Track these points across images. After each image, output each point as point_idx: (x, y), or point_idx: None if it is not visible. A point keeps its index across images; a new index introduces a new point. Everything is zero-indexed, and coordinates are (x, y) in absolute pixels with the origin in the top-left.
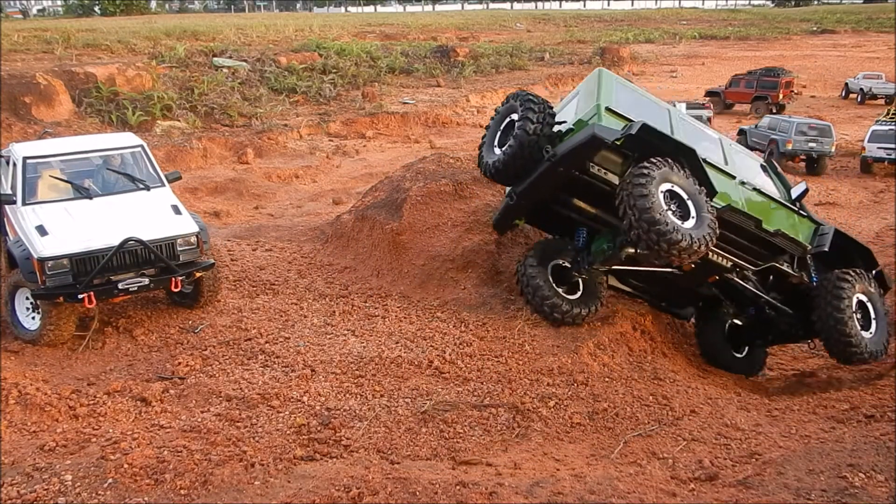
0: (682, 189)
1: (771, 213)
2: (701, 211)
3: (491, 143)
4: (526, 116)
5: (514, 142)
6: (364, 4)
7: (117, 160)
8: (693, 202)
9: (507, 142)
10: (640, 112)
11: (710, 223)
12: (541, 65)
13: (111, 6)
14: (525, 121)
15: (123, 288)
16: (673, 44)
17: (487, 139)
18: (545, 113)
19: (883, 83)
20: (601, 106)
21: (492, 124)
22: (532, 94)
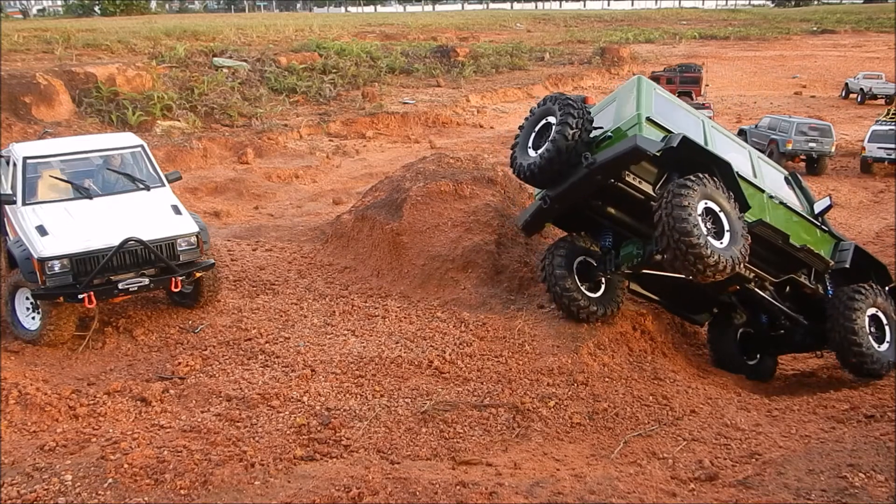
0: (720, 207)
1: (796, 227)
2: (735, 230)
3: (525, 144)
4: (565, 121)
5: (551, 146)
6: (364, 4)
7: (117, 160)
8: (728, 220)
9: (542, 144)
10: (676, 122)
11: (743, 242)
12: (541, 65)
13: (111, 6)
14: (564, 125)
15: (123, 288)
16: (673, 44)
17: (521, 140)
18: (584, 118)
19: (883, 83)
20: (642, 115)
21: (526, 125)
22: (571, 97)
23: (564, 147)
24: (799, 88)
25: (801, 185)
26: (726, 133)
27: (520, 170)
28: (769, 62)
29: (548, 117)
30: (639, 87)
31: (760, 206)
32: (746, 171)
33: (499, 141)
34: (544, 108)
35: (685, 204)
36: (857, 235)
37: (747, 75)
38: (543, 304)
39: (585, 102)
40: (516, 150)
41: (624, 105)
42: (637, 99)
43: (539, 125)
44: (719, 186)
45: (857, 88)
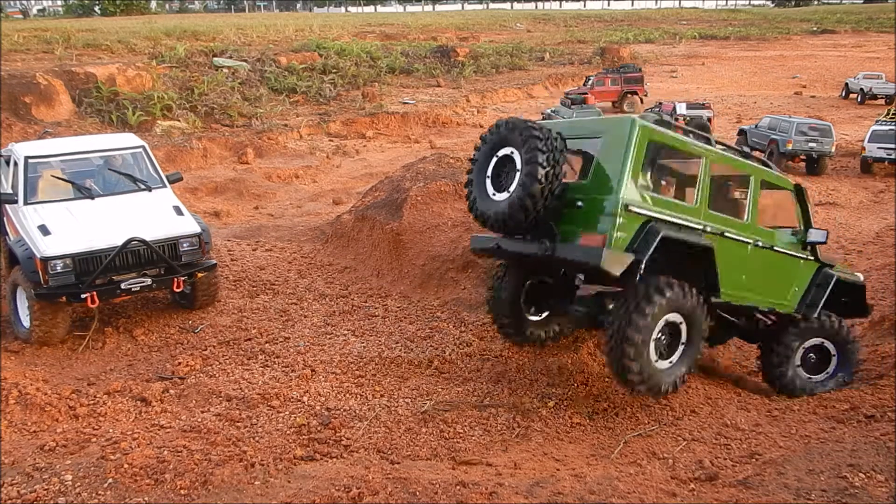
0: (685, 319)
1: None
2: (691, 346)
3: (482, 184)
4: (535, 160)
5: (521, 192)
6: (364, 4)
7: (118, 161)
8: (687, 336)
9: (506, 185)
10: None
11: (689, 364)
12: (541, 65)
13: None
14: (534, 165)
15: (126, 288)
16: (673, 44)
17: (477, 179)
18: (555, 150)
19: (883, 83)
20: (619, 203)
21: (479, 158)
22: (534, 123)
23: (539, 192)
24: (799, 88)
25: (805, 202)
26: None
27: (484, 219)
28: (769, 62)
29: (505, 149)
30: (629, 143)
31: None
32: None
33: None
34: (499, 135)
35: (641, 325)
36: (858, 235)
37: (747, 75)
38: None
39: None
40: (474, 192)
41: (608, 161)
42: (624, 167)
43: (495, 159)
44: (691, 296)
45: (857, 88)
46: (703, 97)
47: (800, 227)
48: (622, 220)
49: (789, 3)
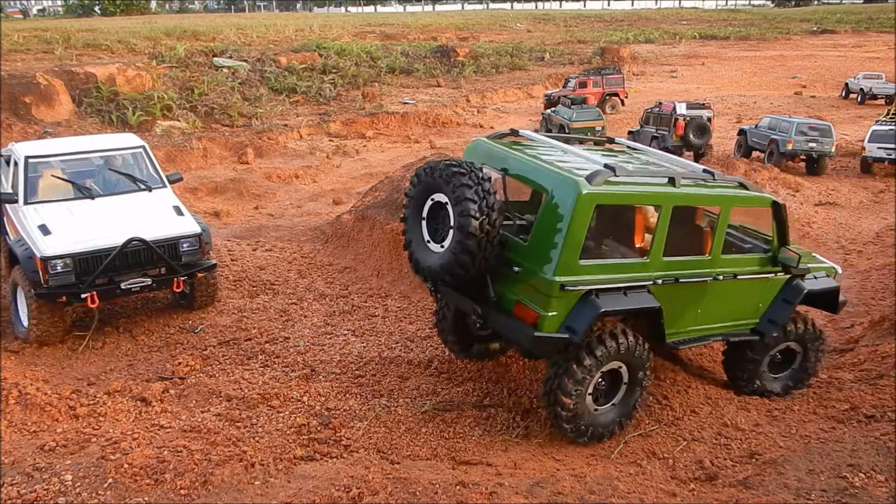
0: (628, 367)
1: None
2: (632, 392)
3: (419, 235)
4: (465, 208)
5: (458, 247)
6: (364, 4)
7: (119, 161)
8: (628, 382)
9: (442, 234)
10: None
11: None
12: (541, 65)
13: (111, 6)
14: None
15: (126, 288)
16: (673, 44)
17: (411, 224)
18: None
19: (883, 83)
20: (555, 284)
21: (412, 200)
22: (462, 167)
23: (470, 261)
24: (799, 88)
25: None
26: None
27: (418, 268)
28: (769, 62)
29: (436, 195)
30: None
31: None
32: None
33: None
34: (429, 181)
35: (578, 377)
36: (858, 235)
37: (747, 75)
38: None
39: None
40: (409, 236)
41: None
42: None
43: (429, 203)
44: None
45: (857, 88)
46: (703, 97)
47: (773, 241)
48: (557, 299)
49: (789, 3)
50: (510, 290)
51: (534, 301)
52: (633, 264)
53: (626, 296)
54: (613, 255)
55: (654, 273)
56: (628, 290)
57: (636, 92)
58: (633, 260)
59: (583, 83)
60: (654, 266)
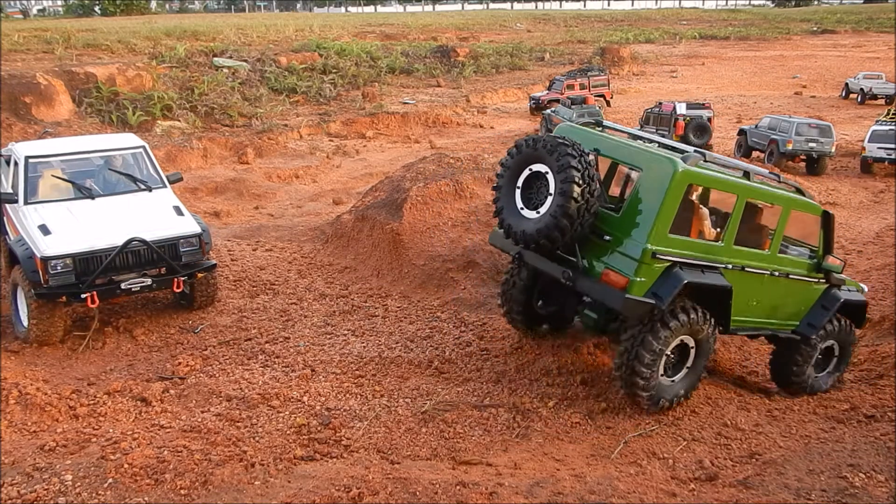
0: (696, 343)
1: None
2: (697, 366)
3: (512, 202)
4: (570, 178)
5: (558, 212)
6: (364, 4)
7: (119, 161)
8: (695, 357)
9: (537, 202)
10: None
11: (693, 381)
12: (541, 65)
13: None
14: (570, 183)
15: (126, 288)
16: (673, 44)
17: (505, 196)
18: (589, 167)
19: (883, 83)
20: (648, 252)
21: (506, 174)
22: (565, 139)
23: (569, 225)
24: (799, 88)
25: (831, 229)
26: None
27: (512, 235)
28: (769, 62)
29: (537, 165)
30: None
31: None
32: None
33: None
34: (531, 152)
35: (653, 348)
36: (858, 235)
37: (747, 75)
38: None
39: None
40: (501, 203)
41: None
42: (654, 212)
43: (526, 173)
44: (705, 321)
45: (857, 88)
46: (704, 97)
47: (819, 250)
48: (647, 266)
49: (789, 3)
50: (598, 259)
51: (623, 267)
52: (710, 246)
53: (703, 273)
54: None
55: (725, 258)
56: (704, 268)
57: (636, 92)
58: (710, 242)
59: (570, 86)
60: (726, 252)
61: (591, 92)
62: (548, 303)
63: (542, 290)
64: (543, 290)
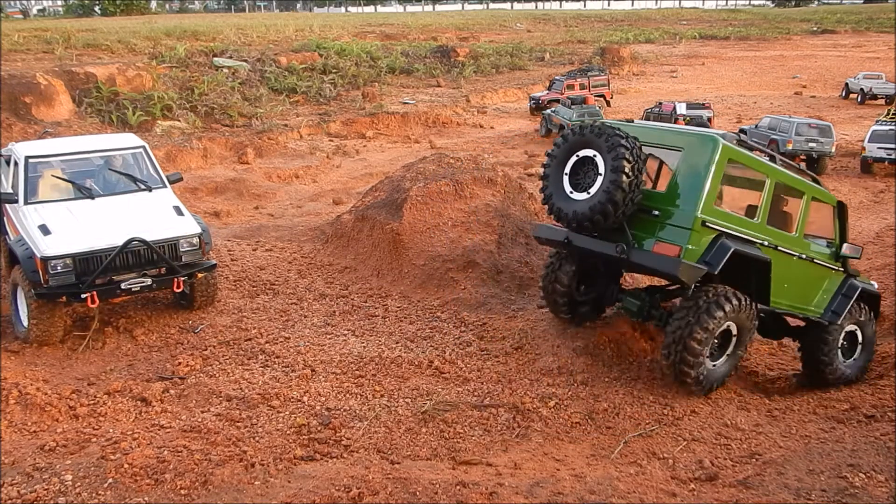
0: (739, 330)
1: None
2: (737, 351)
3: (559, 184)
4: (621, 167)
5: (605, 196)
6: (364, 4)
7: (119, 161)
8: (737, 341)
9: (584, 185)
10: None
11: (737, 361)
12: (541, 65)
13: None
14: (619, 172)
15: (126, 288)
16: (673, 44)
17: (553, 178)
18: (639, 159)
19: (883, 83)
20: (697, 220)
21: (555, 158)
22: (618, 129)
23: (622, 199)
24: (799, 88)
25: (845, 218)
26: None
27: (563, 217)
28: (769, 62)
29: (586, 150)
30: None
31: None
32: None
33: (499, 141)
34: (579, 139)
35: (707, 328)
36: (858, 235)
37: (747, 75)
38: (543, 304)
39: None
40: (550, 189)
41: (688, 175)
42: (703, 184)
43: (573, 160)
44: (750, 307)
45: (857, 88)
46: (704, 97)
47: (835, 239)
48: (697, 234)
49: (789, 3)
50: (648, 233)
51: (674, 237)
52: (748, 221)
53: (746, 245)
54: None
55: (761, 235)
56: (744, 241)
57: (636, 92)
58: (748, 218)
59: (570, 86)
60: (761, 229)
61: (591, 92)
62: (588, 290)
63: (581, 279)
64: (583, 278)
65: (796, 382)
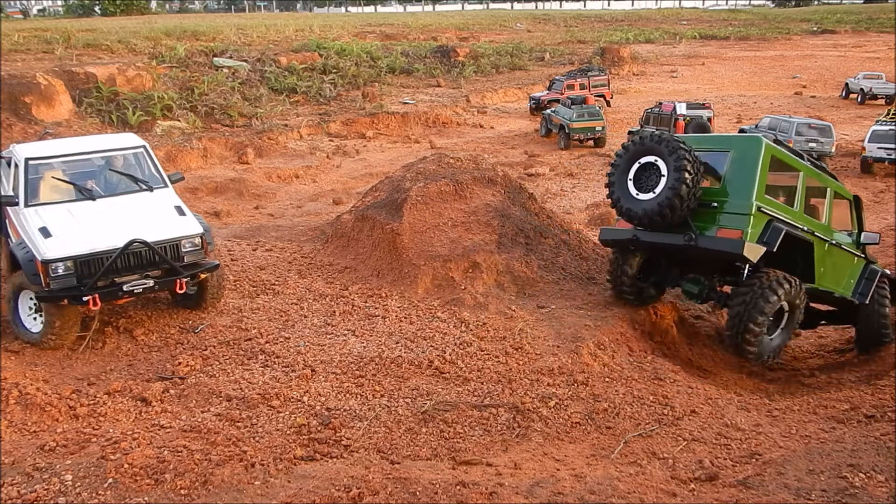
0: (790, 307)
1: (840, 267)
2: (790, 325)
3: (624, 185)
4: (683, 173)
5: (670, 196)
6: (364, 4)
7: (119, 161)
8: (788, 317)
9: (647, 187)
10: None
11: (785, 338)
12: (541, 65)
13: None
14: (681, 174)
15: (128, 290)
16: (673, 44)
17: (618, 180)
18: (697, 164)
19: (883, 83)
20: (753, 206)
21: (620, 162)
22: (680, 139)
23: (686, 195)
24: (799, 88)
25: (861, 210)
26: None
27: (633, 216)
28: (769, 62)
29: (647, 157)
30: (759, 158)
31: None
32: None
33: (499, 141)
34: (642, 146)
35: (765, 308)
36: None
37: (747, 75)
38: (543, 304)
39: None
40: (617, 193)
41: (740, 171)
42: (754, 177)
43: (637, 165)
44: (799, 287)
45: (857, 88)
46: (704, 97)
47: (853, 229)
48: (754, 218)
49: (789, 3)
50: (709, 223)
51: (734, 223)
52: (790, 210)
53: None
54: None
55: (800, 222)
56: (791, 225)
57: (636, 92)
58: (789, 207)
59: (570, 86)
60: (800, 216)
61: (591, 92)
62: (648, 277)
63: (643, 268)
64: (644, 267)
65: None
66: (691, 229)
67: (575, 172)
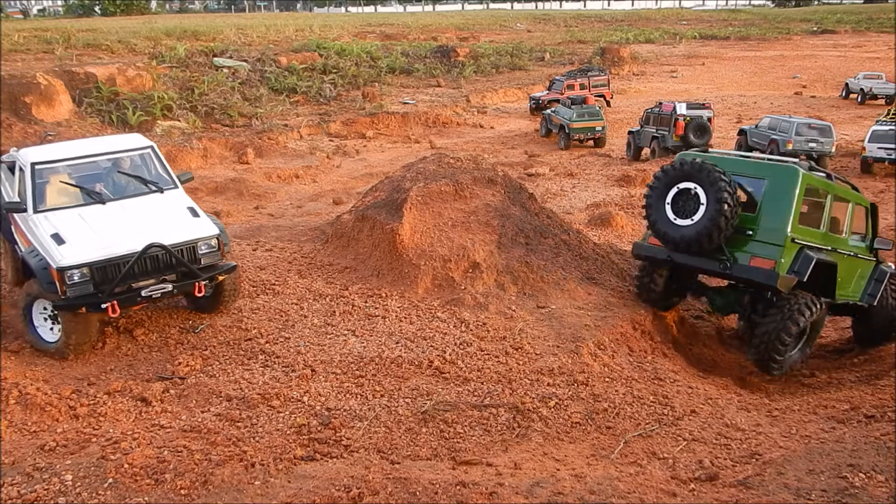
0: (813, 327)
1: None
2: (810, 341)
3: (662, 209)
4: (723, 202)
5: (710, 224)
6: (364, 4)
7: (127, 163)
8: (810, 334)
9: (685, 212)
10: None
11: (805, 353)
12: (541, 65)
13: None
14: (722, 204)
15: (147, 295)
16: (673, 44)
17: (655, 204)
18: (734, 192)
19: (883, 83)
20: (788, 237)
21: (658, 187)
22: (718, 169)
23: (724, 225)
24: (799, 88)
25: (876, 217)
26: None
27: (666, 239)
28: (769, 62)
29: (686, 183)
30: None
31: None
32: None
33: (499, 141)
34: (681, 172)
35: (793, 330)
36: None
37: (747, 75)
38: (543, 304)
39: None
40: (654, 217)
41: (775, 200)
42: (791, 208)
43: (673, 191)
44: (821, 310)
45: (857, 88)
46: (704, 97)
47: (867, 234)
48: (787, 250)
49: (789, 3)
50: (743, 250)
51: (767, 253)
52: (817, 233)
53: (820, 253)
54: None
55: (825, 243)
56: (818, 250)
57: (636, 92)
58: (816, 230)
59: (570, 86)
60: (825, 238)
61: (591, 92)
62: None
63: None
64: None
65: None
66: (726, 256)
67: (575, 172)
